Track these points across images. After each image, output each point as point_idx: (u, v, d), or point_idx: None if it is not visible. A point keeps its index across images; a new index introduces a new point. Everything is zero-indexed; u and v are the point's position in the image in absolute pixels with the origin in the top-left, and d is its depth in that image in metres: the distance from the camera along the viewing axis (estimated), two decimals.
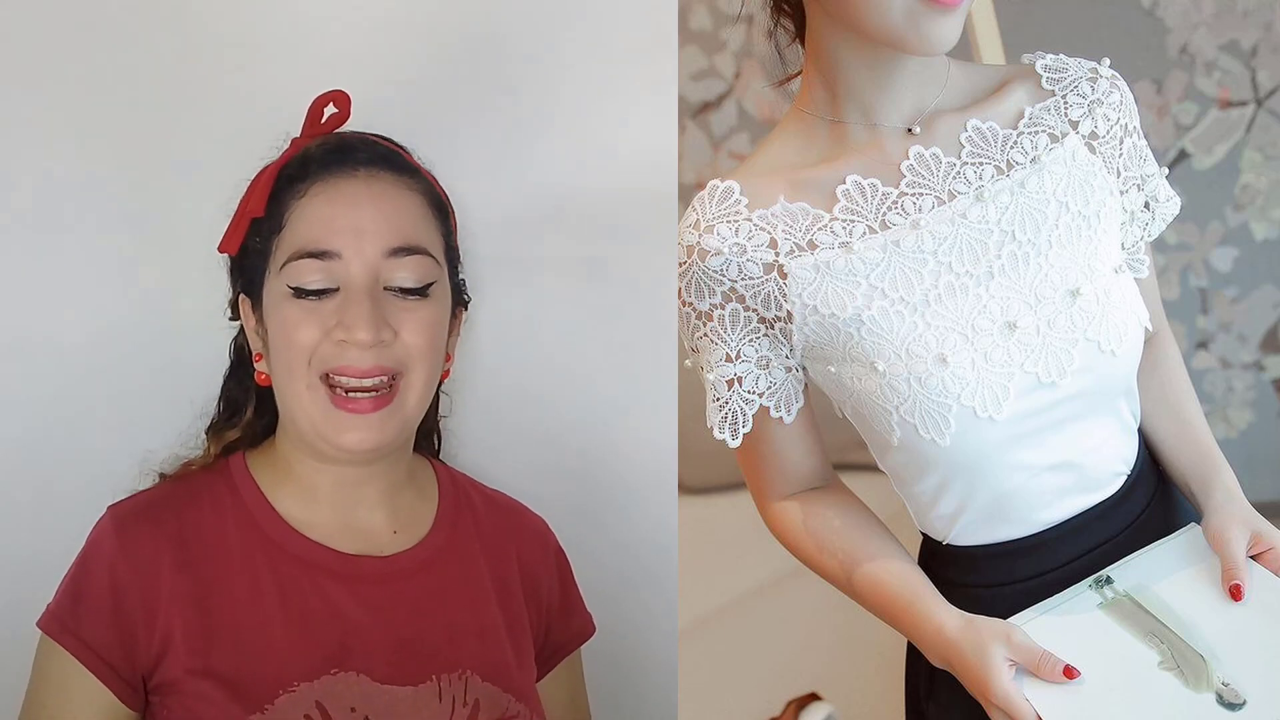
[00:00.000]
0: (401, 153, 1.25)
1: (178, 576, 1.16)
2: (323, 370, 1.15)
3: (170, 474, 1.24)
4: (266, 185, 1.19)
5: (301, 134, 1.23)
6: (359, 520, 1.23)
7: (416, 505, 1.27)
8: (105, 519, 1.18)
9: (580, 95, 1.42)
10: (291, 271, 1.16)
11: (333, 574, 1.20)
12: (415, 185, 1.22)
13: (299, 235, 1.17)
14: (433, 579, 1.24)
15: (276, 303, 1.18)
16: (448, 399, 1.37)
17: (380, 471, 1.23)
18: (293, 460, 1.22)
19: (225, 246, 1.21)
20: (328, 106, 1.22)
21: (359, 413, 1.15)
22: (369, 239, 1.17)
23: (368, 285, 1.16)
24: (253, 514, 1.20)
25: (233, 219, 1.21)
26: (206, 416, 1.28)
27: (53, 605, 1.17)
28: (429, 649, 1.21)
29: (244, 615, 1.16)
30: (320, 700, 1.14)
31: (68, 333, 1.34)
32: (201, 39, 1.34)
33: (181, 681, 1.14)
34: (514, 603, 1.29)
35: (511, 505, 1.35)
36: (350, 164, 1.19)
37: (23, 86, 1.31)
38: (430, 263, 1.20)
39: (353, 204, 1.18)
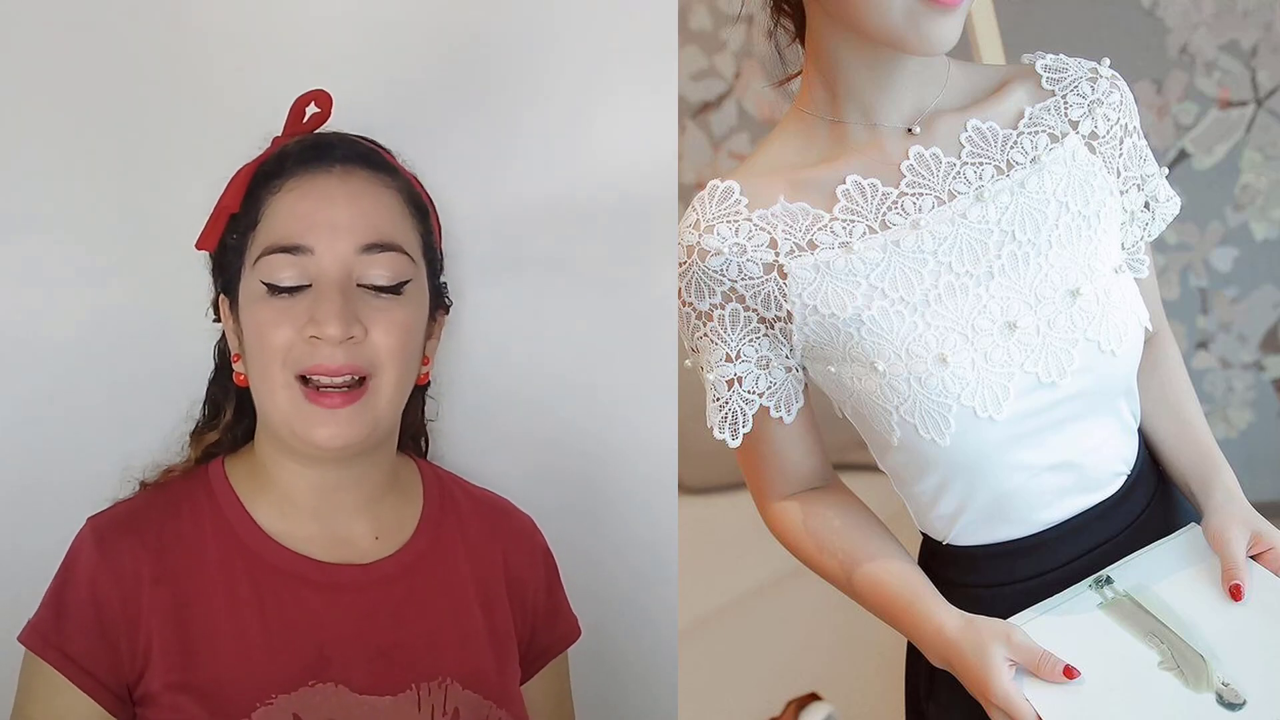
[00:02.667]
0: (381, 152, 1.24)
1: (156, 590, 1.15)
2: (297, 370, 1.15)
3: (151, 481, 1.24)
4: (243, 182, 1.19)
5: (283, 133, 1.23)
6: (339, 528, 1.22)
7: (399, 509, 1.26)
8: (85, 531, 1.17)
9: (580, 95, 1.42)
10: (265, 266, 1.16)
11: (311, 583, 1.19)
12: (392, 183, 1.22)
13: (273, 230, 1.17)
14: (414, 585, 1.23)
15: (251, 301, 1.18)
16: (434, 403, 1.36)
17: (359, 476, 1.22)
18: (270, 466, 1.22)
19: (203, 243, 1.21)
20: (309, 106, 1.22)
21: (331, 407, 1.15)
22: (342, 234, 1.16)
23: (339, 281, 1.16)
24: (231, 524, 1.20)
25: (210, 215, 1.21)
26: (192, 420, 1.28)
27: (35, 620, 1.16)
28: (408, 657, 1.20)
29: (222, 627, 1.16)
30: (298, 713, 1.13)
31: (54, 332, 1.33)
32: (192, 39, 1.34)
33: (160, 695, 1.13)
34: (498, 606, 1.28)
35: (499, 504, 1.34)
36: (326, 161, 1.19)
37: (9, 85, 1.31)
38: (405, 260, 1.19)
39: (327, 200, 1.17)
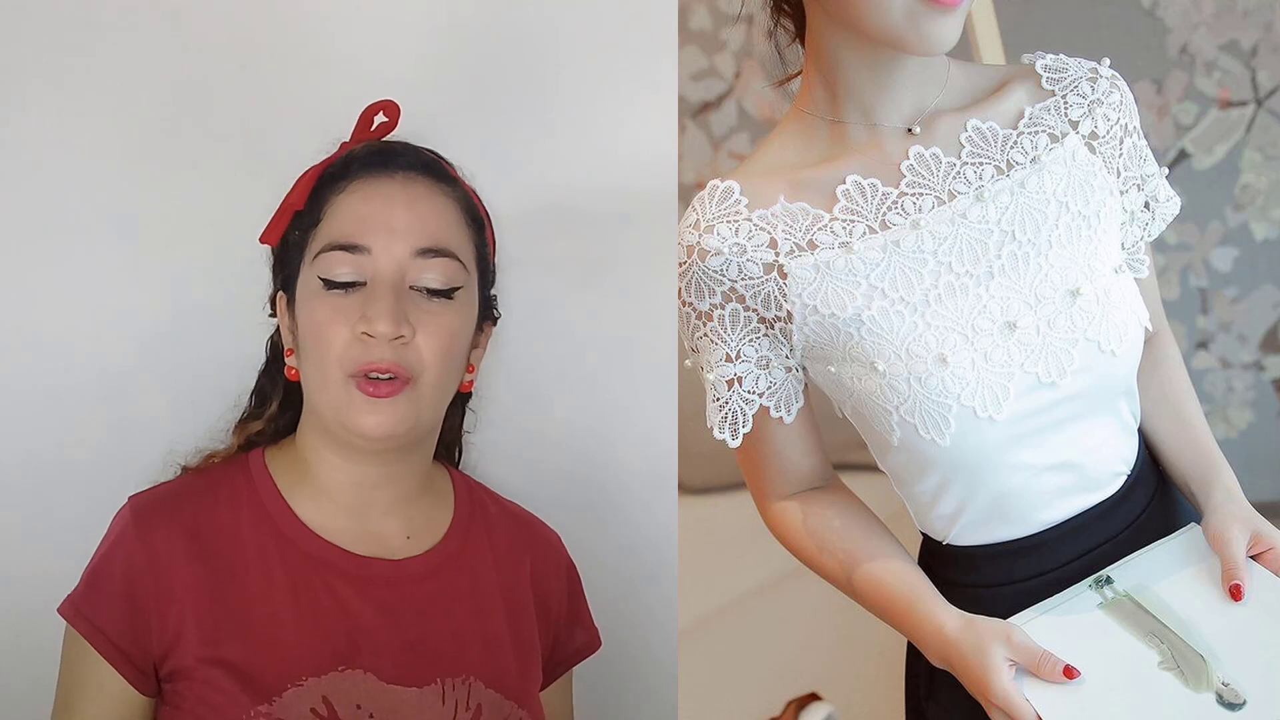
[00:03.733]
0: (443, 163, 1.28)
1: (193, 567, 1.18)
2: (351, 371, 1.18)
3: (193, 466, 1.28)
4: (310, 181, 1.25)
5: (351, 139, 1.28)
6: (372, 525, 1.25)
7: (431, 513, 1.29)
8: (125, 509, 1.21)
9: (580, 95, 1.42)
10: (323, 262, 1.21)
11: (344, 573, 1.22)
12: (451, 193, 1.26)
13: (333, 228, 1.22)
14: (442, 585, 1.26)
15: (308, 296, 1.22)
16: (473, 415, 1.38)
17: (395, 476, 1.25)
18: (310, 459, 1.25)
19: (267, 238, 1.26)
20: (378, 115, 1.28)
21: (378, 397, 1.18)
22: (399, 237, 1.21)
23: (393, 281, 1.20)
24: (268, 510, 1.23)
25: (276, 212, 1.26)
26: (239, 410, 1.31)
27: (73, 592, 1.20)
28: (434, 652, 1.22)
29: (256, 608, 1.19)
30: (327, 695, 1.16)
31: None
32: (210, 41, 1.36)
33: (193, 669, 1.16)
34: (524, 613, 1.30)
35: (527, 518, 1.37)
36: (390, 166, 1.24)
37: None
38: (457, 267, 1.23)
39: (387, 203, 1.22)
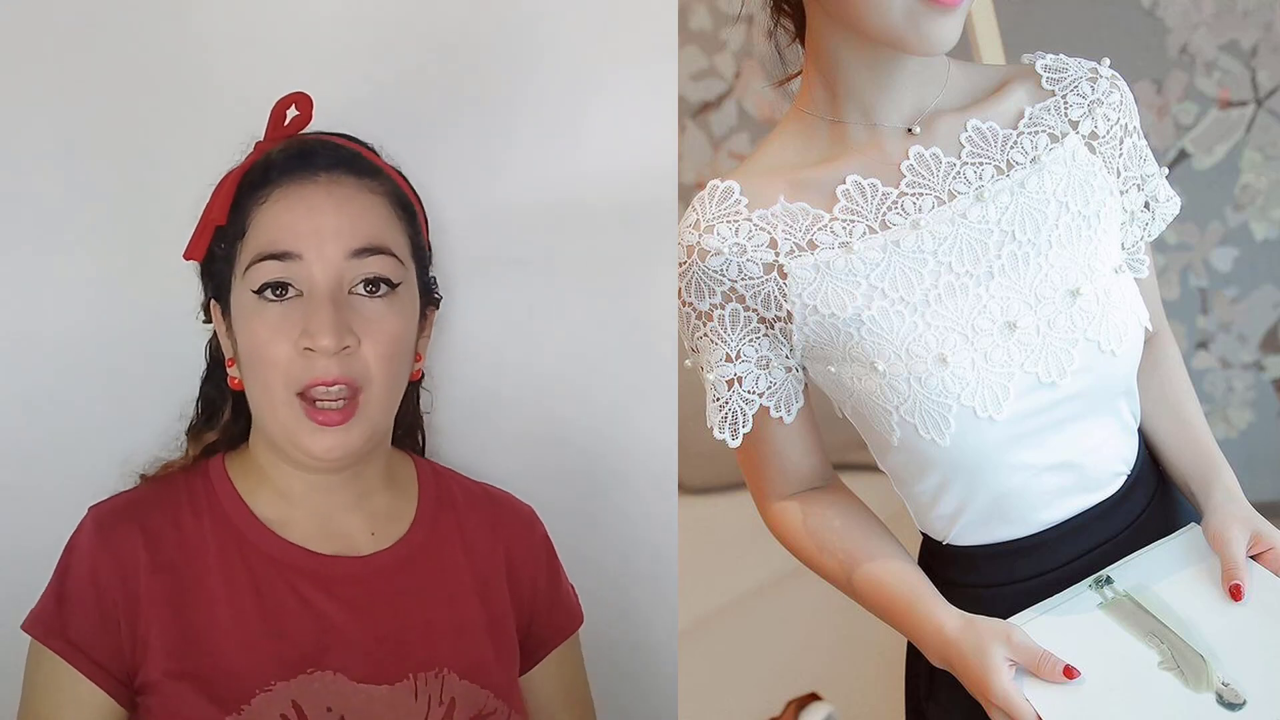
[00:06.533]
0: (365, 153, 1.25)
1: (154, 578, 1.17)
2: (297, 389, 1.16)
3: (151, 475, 1.26)
4: (229, 192, 1.20)
5: (265, 137, 1.24)
6: (335, 523, 1.24)
7: (394, 505, 1.28)
8: (86, 519, 1.19)
9: (580, 95, 1.42)
10: (255, 274, 1.18)
11: (308, 574, 1.20)
12: (378, 187, 1.23)
13: (261, 239, 1.18)
14: (410, 578, 1.24)
15: (244, 310, 1.19)
16: (428, 395, 1.36)
17: (353, 476, 1.24)
18: (266, 464, 1.24)
19: (190, 254, 1.23)
20: (290, 109, 1.23)
21: (328, 425, 1.16)
22: (330, 241, 1.18)
23: (330, 290, 1.17)
24: (229, 515, 1.21)
25: (197, 226, 1.22)
26: (185, 418, 1.29)
27: (37, 608, 1.18)
28: (405, 647, 1.21)
29: (220, 615, 1.17)
30: (296, 699, 1.15)
31: (52, 332, 1.34)
32: (184, 39, 1.34)
33: (160, 683, 1.15)
34: (497, 598, 1.29)
35: (496, 496, 1.35)
36: (311, 169, 1.20)
37: (9, 92, 1.31)
38: (394, 263, 1.20)
39: (314, 208, 1.19)
